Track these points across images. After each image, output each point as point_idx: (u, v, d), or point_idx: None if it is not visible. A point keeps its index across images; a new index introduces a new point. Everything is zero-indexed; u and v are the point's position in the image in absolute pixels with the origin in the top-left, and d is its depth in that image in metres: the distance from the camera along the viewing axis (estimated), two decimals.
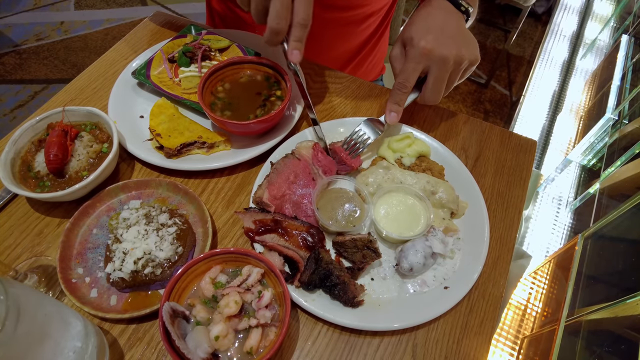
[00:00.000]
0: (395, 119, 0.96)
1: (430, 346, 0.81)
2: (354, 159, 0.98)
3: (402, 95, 0.94)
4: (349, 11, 1.28)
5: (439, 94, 0.94)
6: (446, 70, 0.90)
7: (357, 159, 0.99)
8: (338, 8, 1.27)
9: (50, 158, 0.89)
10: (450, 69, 0.90)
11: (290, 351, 0.79)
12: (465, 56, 0.90)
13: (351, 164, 0.97)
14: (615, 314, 1.16)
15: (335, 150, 0.98)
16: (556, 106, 2.72)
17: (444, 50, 0.88)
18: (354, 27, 1.35)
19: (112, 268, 0.80)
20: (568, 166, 2.24)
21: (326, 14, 1.27)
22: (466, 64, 0.92)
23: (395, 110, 0.95)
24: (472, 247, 0.90)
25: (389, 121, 0.97)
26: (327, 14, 1.28)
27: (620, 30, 2.73)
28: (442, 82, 0.92)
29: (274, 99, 1.05)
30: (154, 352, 0.78)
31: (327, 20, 1.29)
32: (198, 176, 1.01)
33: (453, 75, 0.93)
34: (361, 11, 1.30)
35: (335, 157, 0.98)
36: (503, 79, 3.56)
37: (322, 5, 1.24)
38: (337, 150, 0.98)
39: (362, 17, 1.33)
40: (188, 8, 3.96)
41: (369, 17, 1.35)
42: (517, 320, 1.68)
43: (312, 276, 0.81)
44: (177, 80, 1.12)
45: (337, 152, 0.98)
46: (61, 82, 3.30)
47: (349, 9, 1.28)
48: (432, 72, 0.91)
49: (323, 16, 1.27)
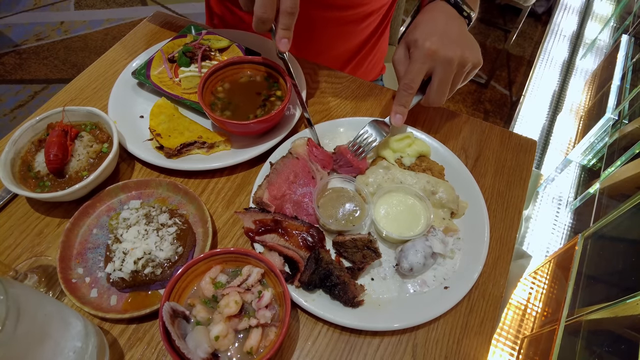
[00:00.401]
0: (401, 121, 0.96)
1: (430, 346, 0.81)
2: (361, 161, 0.98)
3: (408, 97, 0.95)
4: (348, 10, 1.29)
5: (443, 95, 0.95)
6: (451, 71, 0.91)
7: (364, 161, 0.99)
8: (337, 7, 1.27)
9: (50, 158, 0.89)
10: (455, 70, 0.91)
11: (290, 351, 0.79)
12: (469, 58, 0.91)
13: (358, 165, 0.97)
14: (615, 314, 1.16)
15: (342, 152, 0.98)
16: (556, 106, 2.72)
17: (448, 52, 0.89)
18: (354, 26, 1.35)
19: (112, 268, 0.80)
20: (568, 166, 2.24)
21: (326, 13, 1.27)
22: (469, 67, 0.93)
23: (401, 112, 0.96)
24: (472, 247, 0.90)
25: (394, 123, 0.97)
26: (327, 13, 1.28)
27: (620, 30, 2.73)
28: (446, 83, 0.93)
29: (273, 99, 1.05)
30: (154, 352, 0.78)
31: (327, 19, 1.29)
32: (198, 176, 1.01)
33: (457, 77, 0.94)
34: (361, 10, 1.30)
35: (342, 159, 0.98)
36: (503, 79, 3.56)
37: (321, 4, 1.24)
38: (343, 152, 0.98)
39: (361, 16, 1.33)
40: (188, 8, 3.96)
41: (369, 16, 1.35)
42: (517, 320, 1.68)
43: (312, 276, 0.81)
44: (177, 80, 1.12)
45: (344, 153, 0.98)
46: (61, 82, 3.30)
47: (348, 8, 1.28)
48: (437, 74, 0.92)
49: (323, 15, 1.27)
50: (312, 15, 1.27)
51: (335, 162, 1.00)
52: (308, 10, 1.26)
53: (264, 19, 0.83)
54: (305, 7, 1.25)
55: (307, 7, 1.25)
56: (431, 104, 0.97)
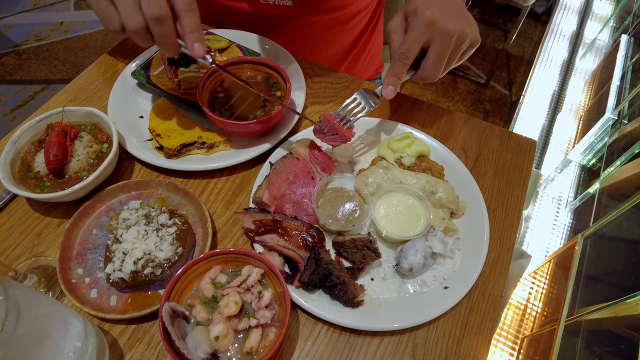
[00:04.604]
0: (392, 93, 0.91)
1: (430, 346, 0.81)
2: (347, 130, 0.93)
3: (403, 67, 0.89)
4: (333, 13, 1.28)
5: (438, 69, 0.90)
6: (449, 45, 0.86)
7: (349, 130, 0.94)
8: (322, 11, 1.26)
9: (50, 158, 0.89)
10: (453, 45, 0.87)
11: (290, 351, 0.79)
12: (468, 34, 0.88)
13: (344, 133, 0.92)
14: (615, 313, 1.16)
15: (328, 119, 0.93)
16: (556, 106, 2.72)
17: (448, 24, 0.85)
18: (342, 26, 1.34)
19: (112, 268, 0.80)
20: (568, 166, 2.24)
21: (311, 17, 1.27)
22: (467, 44, 0.90)
23: (394, 84, 0.90)
24: (472, 247, 0.90)
25: (385, 95, 0.92)
26: (312, 18, 1.27)
27: (619, 30, 2.73)
28: (443, 57, 0.88)
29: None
30: (154, 353, 0.78)
31: (313, 23, 1.29)
32: (198, 176, 1.01)
33: (454, 53, 0.90)
34: (346, 11, 1.29)
35: (327, 125, 0.93)
36: (503, 79, 3.56)
37: (306, 10, 1.23)
38: (329, 118, 0.92)
39: (348, 17, 1.32)
40: None
41: (356, 16, 1.34)
42: (517, 320, 1.68)
43: (312, 276, 0.81)
44: (177, 80, 1.12)
45: (329, 120, 0.92)
46: (61, 82, 3.30)
47: (333, 11, 1.27)
48: (434, 46, 0.87)
49: (308, 20, 1.27)
50: (299, 20, 1.27)
51: (320, 130, 0.95)
52: (293, 15, 1.26)
53: (160, 16, 0.72)
54: (291, 13, 1.26)
55: (292, 13, 1.26)
56: (425, 78, 0.92)
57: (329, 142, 0.95)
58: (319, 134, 0.96)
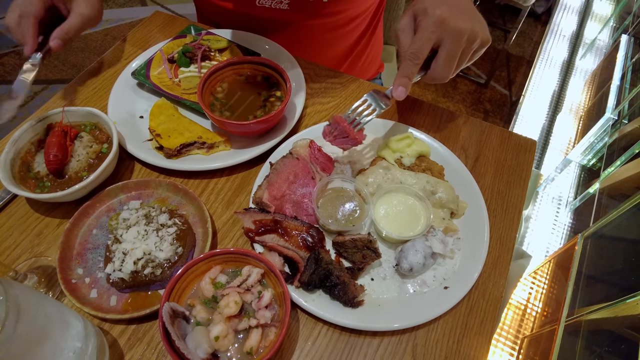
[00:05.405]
0: (403, 94, 0.89)
1: (430, 346, 0.81)
2: (357, 132, 0.91)
3: (414, 67, 0.87)
4: (331, 17, 1.27)
5: (449, 69, 0.88)
6: (460, 44, 0.85)
7: (360, 132, 0.92)
8: (319, 15, 1.26)
9: (50, 158, 0.89)
10: (464, 44, 0.85)
11: (290, 351, 0.79)
12: (479, 33, 0.86)
13: (355, 136, 0.90)
14: (615, 313, 1.16)
15: (338, 121, 0.91)
16: (556, 106, 2.72)
17: (459, 23, 0.83)
18: (340, 30, 1.34)
19: (112, 268, 0.80)
20: (568, 166, 2.24)
21: (308, 21, 1.26)
22: (478, 43, 0.88)
23: (405, 85, 0.88)
24: (472, 247, 0.90)
25: (396, 96, 0.89)
26: (309, 22, 1.27)
27: (619, 30, 2.73)
28: (454, 57, 0.87)
29: (273, 99, 1.05)
30: (154, 353, 0.78)
31: (310, 27, 1.29)
32: (198, 176, 1.01)
33: (465, 52, 0.88)
34: (344, 15, 1.28)
35: (337, 128, 0.91)
36: (503, 79, 3.56)
37: (302, 14, 1.23)
38: (339, 120, 0.91)
39: (346, 21, 1.31)
40: (188, 8, 3.96)
41: (355, 19, 1.33)
42: (517, 320, 1.68)
43: (312, 276, 0.81)
44: (177, 80, 1.12)
45: (340, 122, 0.90)
46: (61, 82, 3.30)
47: (331, 15, 1.27)
48: (445, 46, 0.86)
49: (305, 24, 1.26)
50: (296, 23, 1.27)
51: (330, 133, 0.93)
52: (290, 19, 1.26)
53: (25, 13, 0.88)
54: (287, 16, 1.26)
55: (289, 16, 1.26)
56: (436, 79, 0.90)
57: (339, 145, 0.94)
58: (329, 136, 0.94)
